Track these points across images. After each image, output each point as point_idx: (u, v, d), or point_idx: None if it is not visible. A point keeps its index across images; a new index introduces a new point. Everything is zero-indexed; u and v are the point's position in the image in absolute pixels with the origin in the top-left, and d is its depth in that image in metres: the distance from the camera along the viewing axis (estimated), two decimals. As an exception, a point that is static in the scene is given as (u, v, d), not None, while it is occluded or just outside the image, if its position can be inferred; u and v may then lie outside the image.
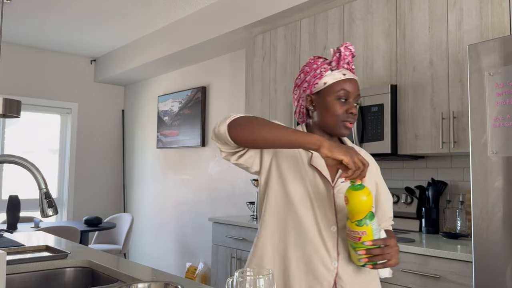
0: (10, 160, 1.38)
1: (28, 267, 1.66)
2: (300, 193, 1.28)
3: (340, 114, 1.29)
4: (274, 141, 1.15)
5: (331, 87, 1.30)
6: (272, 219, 1.32)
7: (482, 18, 2.30)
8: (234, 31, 3.81)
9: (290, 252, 1.27)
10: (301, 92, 1.36)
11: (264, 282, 0.92)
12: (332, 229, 1.26)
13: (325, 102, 1.30)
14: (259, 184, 1.37)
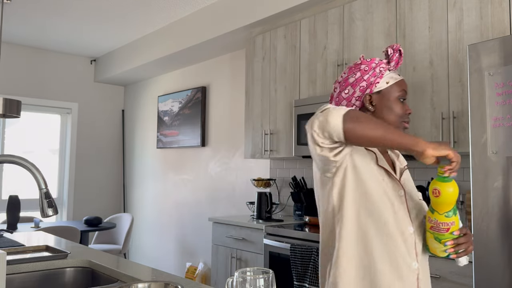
0: (10, 160, 1.38)
1: (28, 267, 1.66)
2: (380, 194, 1.22)
3: (401, 114, 1.31)
4: (386, 141, 1.11)
5: (393, 87, 1.31)
6: (352, 227, 1.21)
7: (482, 18, 2.30)
8: (234, 31, 3.81)
9: (378, 265, 1.19)
10: (356, 92, 1.31)
11: (264, 282, 0.92)
12: (410, 230, 1.23)
13: (388, 102, 1.30)
14: (327, 189, 1.26)
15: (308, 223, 3.09)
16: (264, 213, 3.38)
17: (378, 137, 1.11)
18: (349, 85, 1.32)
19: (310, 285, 2.54)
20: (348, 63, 2.95)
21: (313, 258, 2.56)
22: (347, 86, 1.33)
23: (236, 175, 4.35)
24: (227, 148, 4.49)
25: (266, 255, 2.99)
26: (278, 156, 3.39)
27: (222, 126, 4.57)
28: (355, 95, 1.31)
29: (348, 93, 1.32)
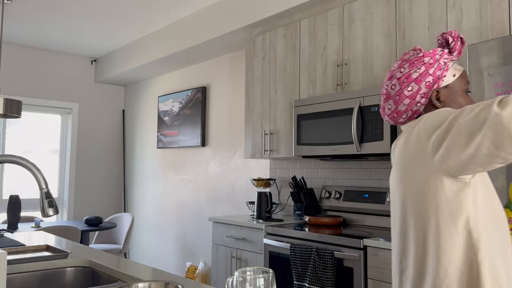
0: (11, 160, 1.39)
1: (29, 266, 1.67)
2: (500, 208, 1.10)
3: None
4: None
5: (459, 80, 1.21)
6: (487, 245, 1.06)
7: (481, 19, 2.30)
8: (234, 32, 3.81)
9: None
10: (422, 88, 1.20)
11: (264, 281, 0.91)
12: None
13: (456, 97, 1.20)
14: (455, 194, 1.07)
15: (308, 223, 3.10)
16: (264, 213, 3.38)
17: None
18: (412, 81, 1.20)
19: (310, 285, 2.55)
20: (348, 63, 2.95)
21: (312, 258, 2.57)
22: (410, 82, 1.20)
23: (236, 175, 4.36)
24: (227, 148, 4.49)
25: (266, 255, 2.99)
26: (278, 156, 3.40)
27: (222, 126, 4.58)
28: (420, 92, 1.20)
29: (412, 90, 1.20)
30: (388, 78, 1.27)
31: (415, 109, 1.22)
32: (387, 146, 2.60)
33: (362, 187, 3.13)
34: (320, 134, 2.97)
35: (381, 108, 1.30)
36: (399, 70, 1.24)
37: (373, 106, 2.68)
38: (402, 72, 1.22)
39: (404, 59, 1.26)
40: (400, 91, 1.22)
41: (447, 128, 1.05)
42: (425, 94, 1.20)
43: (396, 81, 1.23)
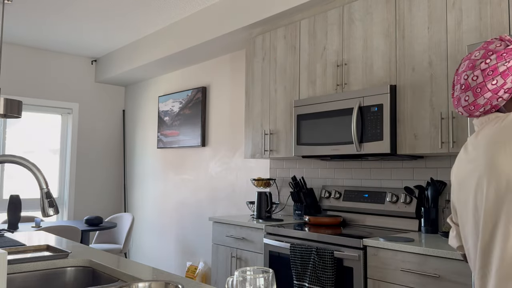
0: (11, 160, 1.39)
1: (29, 266, 1.67)
2: None
3: None
4: None
5: None
6: None
7: (481, 19, 2.30)
8: (234, 32, 3.81)
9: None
10: (508, 83, 1.14)
11: (264, 281, 0.91)
12: None
13: None
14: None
15: (308, 223, 3.10)
16: (264, 212, 3.38)
17: None
18: (498, 75, 1.13)
19: (310, 285, 2.55)
20: (348, 63, 2.96)
21: (312, 258, 2.57)
22: (495, 75, 1.13)
23: (236, 175, 4.36)
24: (227, 148, 4.49)
25: (266, 255, 3.00)
26: (278, 156, 3.40)
27: (222, 126, 4.58)
28: (505, 87, 1.14)
29: (496, 84, 1.13)
30: (470, 68, 1.18)
31: (495, 103, 1.16)
32: (387, 146, 2.60)
33: (362, 187, 3.13)
34: (320, 134, 2.97)
35: (455, 99, 1.22)
36: (484, 61, 1.16)
37: (373, 106, 2.68)
38: (488, 64, 1.15)
39: (489, 49, 1.17)
40: (483, 83, 1.15)
41: None
42: (509, 90, 1.14)
43: (480, 72, 1.16)
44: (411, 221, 2.81)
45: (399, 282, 2.25)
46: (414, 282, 2.19)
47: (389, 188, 2.97)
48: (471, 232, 1.13)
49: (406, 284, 2.22)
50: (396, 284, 2.27)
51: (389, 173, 3.04)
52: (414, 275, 2.19)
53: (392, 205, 2.90)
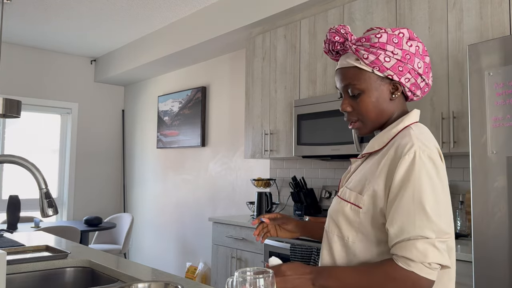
0: (10, 160, 1.38)
1: (28, 267, 1.67)
2: None
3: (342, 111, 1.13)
4: None
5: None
6: None
7: (482, 19, 2.30)
8: (234, 31, 3.81)
9: None
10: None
11: (264, 282, 0.90)
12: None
13: None
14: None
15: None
16: (264, 213, 3.38)
17: None
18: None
19: (310, 285, 2.54)
20: (348, 63, 2.95)
21: (313, 258, 2.56)
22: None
23: (236, 175, 4.35)
24: (227, 148, 4.49)
25: (266, 255, 2.99)
26: (278, 156, 3.40)
27: (222, 126, 4.57)
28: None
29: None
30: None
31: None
32: (387, 146, 2.59)
33: (362, 187, 3.12)
34: (320, 134, 2.97)
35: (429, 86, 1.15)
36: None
37: (373, 106, 2.67)
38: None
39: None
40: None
41: None
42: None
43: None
44: (411, 221, 2.80)
45: (400, 282, 2.24)
46: (415, 282, 2.18)
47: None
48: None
49: (406, 284, 2.21)
50: (396, 285, 2.26)
51: (390, 173, 3.02)
52: (415, 275, 2.18)
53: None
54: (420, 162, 0.97)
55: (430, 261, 0.92)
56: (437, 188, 0.96)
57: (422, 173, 0.96)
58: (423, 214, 0.94)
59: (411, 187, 0.96)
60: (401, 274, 0.93)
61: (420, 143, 0.99)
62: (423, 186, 0.95)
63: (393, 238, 0.97)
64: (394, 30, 1.07)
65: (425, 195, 0.95)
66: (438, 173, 0.98)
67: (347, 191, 1.08)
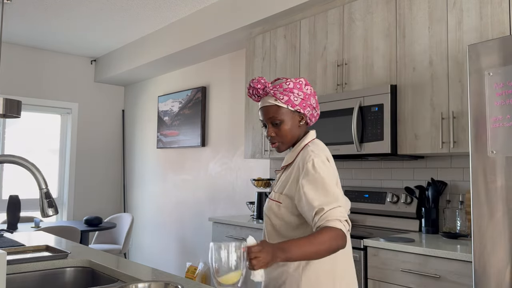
0: (11, 160, 1.38)
1: (29, 267, 1.67)
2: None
3: (267, 137, 1.57)
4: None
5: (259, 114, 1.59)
6: None
7: (481, 19, 2.30)
8: (234, 31, 3.81)
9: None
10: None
11: (235, 247, 1.18)
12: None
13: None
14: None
15: (308, 223, 3.09)
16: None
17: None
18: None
19: (310, 285, 2.55)
20: (348, 63, 2.96)
21: (313, 258, 2.57)
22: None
23: (236, 175, 4.35)
24: (227, 148, 4.49)
25: (266, 255, 2.99)
26: (278, 156, 3.40)
27: (222, 126, 4.57)
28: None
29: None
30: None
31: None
32: (387, 146, 2.59)
33: (362, 187, 3.13)
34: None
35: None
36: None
37: (373, 106, 2.67)
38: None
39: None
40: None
41: None
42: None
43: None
44: (411, 221, 2.80)
45: (400, 282, 2.24)
46: (415, 282, 2.18)
47: (389, 188, 2.97)
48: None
49: (406, 284, 2.22)
50: (396, 285, 2.26)
51: (390, 173, 3.03)
52: (415, 275, 2.19)
53: (392, 205, 2.89)
54: (316, 165, 1.43)
55: (343, 219, 1.36)
56: (330, 178, 1.42)
57: (319, 171, 1.42)
58: (328, 194, 1.39)
59: (315, 181, 1.41)
60: (335, 232, 1.33)
61: (314, 154, 1.46)
62: (322, 178, 1.41)
63: (317, 214, 1.37)
64: (296, 79, 1.54)
65: (325, 183, 1.41)
66: (328, 169, 1.44)
67: (273, 194, 1.55)
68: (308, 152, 1.47)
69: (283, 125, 1.52)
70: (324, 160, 1.45)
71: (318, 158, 1.44)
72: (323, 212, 1.36)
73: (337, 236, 1.33)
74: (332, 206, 1.36)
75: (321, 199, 1.38)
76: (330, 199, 1.38)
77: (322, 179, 1.40)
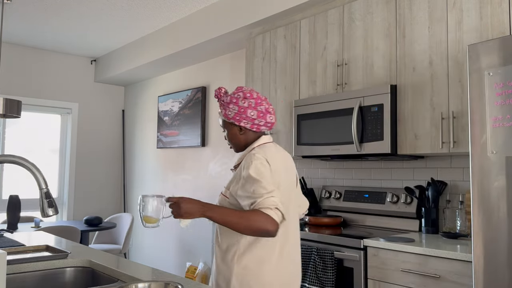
0: (11, 160, 1.39)
1: (29, 267, 1.67)
2: None
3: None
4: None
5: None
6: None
7: (481, 19, 2.30)
8: (234, 31, 3.81)
9: None
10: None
11: (157, 198, 1.59)
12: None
13: None
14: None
15: (308, 223, 3.09)
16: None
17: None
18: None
19: (310, 285, 2.55)
20: (348, 63, 2.96)
21: (313, 258, 2.56)
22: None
23: (236, 175, 4.35)
24: (227, 148, 4.49)
25: (266, 255, 2.99)
26: (278, 156, 3.39)
27: (222, 126, 4.57)
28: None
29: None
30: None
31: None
32: (387, 146, 2.60)
33: (362, 187, 3.13)
34: (320, 134, 2.97)
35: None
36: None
37: (373, 106, 2.67)
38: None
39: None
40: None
41: None
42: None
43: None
44: (411, 221, 2.80)
45: (400, 282, 2.25)
46: (415, 282, 2.18)
47: (389, 188, 2.97)
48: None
49: (406, 284, 2.22)
50: (396, 285, 2.26)
51: (390, 173, 3.03)
52: (415, 275, 2.19)
53: (392, 205, 2.89)
54: (254, 166, 1.62)
55: (273, 207, 1.54)
56: (265, 177, 1.60)
57: (256, 171, 1.61)
58: (262, 189, 1.57)
59: (251, 179, 1.60)
60: (262, 216, 1.52)
61: (255, 157, 1.65)
62: (258, 175, 1.60)
63: (252, 202, 1.57)
64: (234, 93, 1.75)
65: (259, 181, 1.59)
66: (265, 169, 1.62)
67: (224, 189, 1.76)
68: (250, 155, 1.67)
69: (226, 132, 1.80)
70: (263, 162, 1.64)
71: (257, 161, 1.63)
72: (256, 202, 1.56)
73: (262, 219, 1.51)
74: (264, 197, 1.55)
75: (256, 193, 1.57)
76: (262, 192, 1.56)
77: (258, 177, 1.59)
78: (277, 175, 1.65)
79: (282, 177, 1.68)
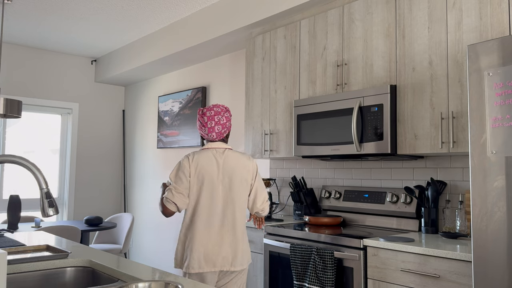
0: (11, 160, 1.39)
1: (29, 266, 1.67)
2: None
3: None
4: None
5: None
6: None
7: (481, 19, 2.30)
8: (234, 32, 3.81)
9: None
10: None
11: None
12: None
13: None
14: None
15: (308, 223, 3.10)
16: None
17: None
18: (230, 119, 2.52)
19: (310, 285, 2.55)
20: (348, 63, 2.96)
21: (313, 258, 2.57)
22: (230, 119, 2.48)
23: (236, 175, 4.35)
24: (227, 148, 4.48)
25: (266, 255, 2.99)
26: (278, 156, 3.40)
27: (222, 126, 4.57)
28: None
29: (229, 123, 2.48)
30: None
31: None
32: (387, 146, 2.60)
33: (362, 187, 3.13)
34: (320, 134, 2.97)
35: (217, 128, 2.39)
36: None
37: (373, 106, 2.68)
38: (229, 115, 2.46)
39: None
40: (229, 121, 2.44)
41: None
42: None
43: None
44: (411, 221, 2.81)
45: (399, 282, 2.25)
46: (414, 282, 2.19)
47: (389, 188, 2.97)
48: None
49: (406, 284, 2.22)
50: (396, 284, 2.26)
51: (389, 173, 3.03)
52: (414, 275, 2.19)
53: (392, 205, 2.90)
54: (179, 162, 2.34)
55: (166, 197, 2.27)
56: (174, 173, 2.31)
57: (177, 167, 2.33)
58: (172, 181, 2.31)
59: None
60: (162, 200, 2.31)
61: (183, 158, 2.34)
62: (174, 170, 2.33)
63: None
64: (199, 111, 2.43)
65: (171, 175, 2.33)
66: (177, 167, 2.31)
67: None
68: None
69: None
70: (180, 161, 2.32)
71: (182, 160, 2.31)
72: (164, 190, 2.38)
73: (161, 202, 2.31)
74: (169, 187, 2.29)
75: (171, 183, 2.31)
76: (169, 186, 2.30)
77: (173, 172, 2.32)
78: (187, 168, 2.29)
79: (200, 173, 2.28)
